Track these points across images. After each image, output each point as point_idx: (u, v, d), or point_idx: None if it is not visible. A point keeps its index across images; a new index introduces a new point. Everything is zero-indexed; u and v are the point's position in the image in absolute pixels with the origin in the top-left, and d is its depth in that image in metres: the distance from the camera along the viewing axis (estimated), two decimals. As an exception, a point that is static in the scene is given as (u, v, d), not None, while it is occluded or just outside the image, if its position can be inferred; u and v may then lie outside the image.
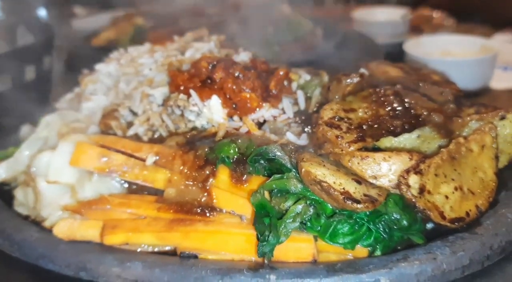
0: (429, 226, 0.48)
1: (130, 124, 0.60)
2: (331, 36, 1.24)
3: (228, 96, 0.57)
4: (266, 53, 1.11)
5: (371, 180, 0.45)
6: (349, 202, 0.42)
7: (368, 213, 0.44)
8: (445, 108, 0.54)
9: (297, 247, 0.44)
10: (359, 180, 0.45)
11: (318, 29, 1.29)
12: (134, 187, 0.54)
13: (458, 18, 1.72)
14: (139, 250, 0.49)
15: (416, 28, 1.70)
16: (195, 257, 0.46)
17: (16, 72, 1.00)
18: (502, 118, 0.53)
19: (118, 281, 0.45)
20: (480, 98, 1.19)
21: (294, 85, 0.61)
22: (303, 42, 1.16)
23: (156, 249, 0.49)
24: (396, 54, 1.24)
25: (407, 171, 0.44)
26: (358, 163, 0.46)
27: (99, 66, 0.69)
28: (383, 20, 1.61)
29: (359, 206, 0.42)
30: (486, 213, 0.47)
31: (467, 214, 0.46)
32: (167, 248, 0.49)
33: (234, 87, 0.57)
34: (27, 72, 1.04)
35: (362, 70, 0.60)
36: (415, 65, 0.71)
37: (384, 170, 0.45)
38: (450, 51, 1.28)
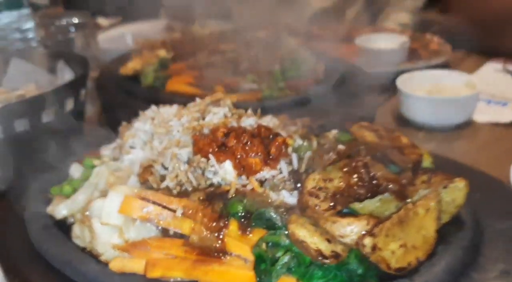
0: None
1: (162, 177, 0.78)
2: (331, 73, 1.40)
3: (238, 161, 0.75)
4: (272, 90, 1.28)
5: (339, 239, 0.63)
6: (320, 258, 0.60)
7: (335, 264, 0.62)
8: (402, 177, 0.71)
9: (284, 286, 0.62)
10: (330, 239, 0.62)
11: (320, 64, 1.45)
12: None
13: (454, 43, 1.85)
14: (172, 280, 0.67)
15: (414, 52, 1.84)
16: (212, 289, 0.65)
17: (58, 105, 1.18)
18: (445, 187, 0.70)
19: (158, 306, 0.64)
20: (463, 132, 1.35)
21: (289, 149, 0.79)
22: (304, 80, 1.32)
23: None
24: (390, 85, 1.40)
25: (364, 234, 0.62)
26: (330, 226, 0.63)
27: (137, 125, 0.87)
28: (382, 48, 1.75)
29: (326, 261, 0.60)
30: (424, 262, 0.65)
31: (409, 264, 0.63)
32: (192, 281, 0.67)
33: (243, 153, 0.75)
34: (67, 105, 1.22)
35: (340, 146, 0.77)
36: (389, 127, 0.87)
37: (348, 231, 0.62)
38: (439, 86, 1.43)
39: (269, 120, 0.89)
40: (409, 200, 0.68)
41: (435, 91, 1.38)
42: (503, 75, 1.65)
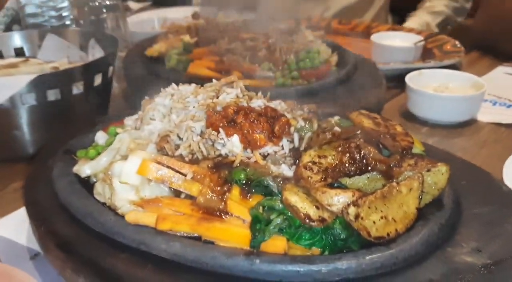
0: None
1: (177, 147, 0.87)
2: (344, 65, 1.47)
3: (244, 136, 0.84)
4: (286, 78, 1.36)
5: (326, 207, 0.71)
6: (308, 220, 0.68)
7: (322, 228, 0.70)
8: (391, 159, 0.79)
9: (274, 243, 0.71)
10: (318, 206, 0.71)
11: (334, 56, 1.52)
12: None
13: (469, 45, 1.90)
14: (178, 234, 0.76)
15: (429, 51, 1.89)
16: (213, 243, 0.74)
17: (88, 79, 1.28)
18: (428, 170, 0.78)
19: (164, 253, 0.73)
20: (466, 129, 1.41)
21: (292, 129, 0.87)
22: (318, 70, 1.39)
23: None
24: (403, 78, 1.46)
25: (348, 204, 0.70)
26: (320, 195, 0.72)
27: (157, 99, 0.96)
28: (396, 45, 1.81)
29: (313, 223, 0.68)
30: (402, 235, 0.72)
31: (388, 234, 0.71)
32: (195, 235, 0.76)
33: (250, 130, 0.84)
34: (96, 80, 1.32)
35: (336, 129, 0.85)
36: (386, 117, 0.94)
37: (335, 201, 0.71)
38: (447, 85, 1.49)
39: (278, 104, 0.97)
40: (394, 180, 0.76)
41: (442, 90, 1.44)
42: (512, 78, 1.70)
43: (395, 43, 1.81)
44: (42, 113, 1.22)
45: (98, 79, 1.32)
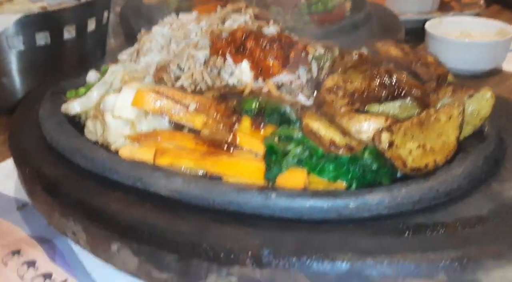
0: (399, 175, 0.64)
1: (177, 78, 0.76)
2: (358, 10, 1.36)
3: (255, 62, 0.73)
4: (297, 23, 1.25)
5: (354, 135, 0.61)
6: (333, 147, 0.58)
7: (348, 158, 0.60)
8: (426, 86, 0.68)
9: (293, 176, 0.60)
10: (345, 133, 0.60)
11: (348, 2, 1.40)
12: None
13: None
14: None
15: (446, 5, 1.77)
16: (220, 179, 0.64)
17: (80, 23, 1.17)
18: (470, 96, 0.67)
19: (163, 190, 0.63)
20: (490, 79, 1.30)
21: (310, 57, 0.76)
22: (330, 15, 1.28)
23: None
24: (419, 31, 1.35)
25: (381, 129, 0.59)
26: (346, 121, 0.61)
27: (155, 29, 0.85)
28: (413, -5, 1.68)
29: (339, 151, 0.58)
30: (442, 167, 0.62)
31: (426, 166, 0.61)
32: (200, 173, 0.66)
33: (261, 55, 0.72)
34: (89, 25, 1.21)
35: (363, 49, 0.74)
36: (416, 48, 0.84)
37: (365, 128, 0.60)
38: (469, 33, 1.37)
39: (292, 36, 0.86)
40: (433, 106, 0.65)
41: (465, 37, 1.33)
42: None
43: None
44: (31, 59, 1.11)
45: (92, 25, 1.21)
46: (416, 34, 1.38)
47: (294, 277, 0.53)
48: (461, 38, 1.32)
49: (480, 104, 0.67)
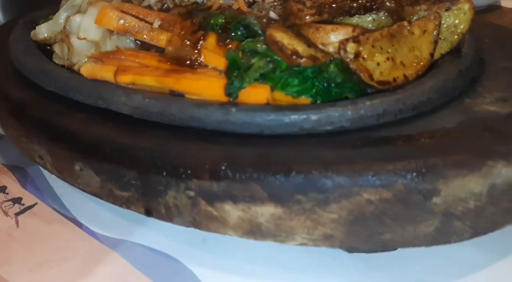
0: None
1: (145, -3, 0.73)
2: None
3: (224, -23, 0.69)
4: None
5: (321, 46, 0.58)
6: (294, 57, 0.55)
7: (313, 71, 0.57)
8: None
9: (255, 91, 0.58)
10: (310, 44, 0.57)
11: None
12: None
13: None
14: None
15: None
16: (183, 96, 0.62)
17: None
18: (447, 9, 0.63)
19: (125, 107, 0.61)
20: (489, 14, 1.24)
21: (282, -28, 0.72)
22: None
23: (156, 92, 0.64)
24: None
25: (347, 39, 0.56)
26: (313, 32, 0.58)
27: None
28: None
29: (302, 60, 0.55)
30: (412, 82, 0.59)
31: (394, 79, 0.58)
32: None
33: (230, -31, 0.68)
34: None
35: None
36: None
37: (332, 38, 0.57)
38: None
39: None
40: (407, 19, 0.62)
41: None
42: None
43: None
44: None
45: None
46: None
47: (250, 190, 0.51)
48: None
49: (458, 17, 0.63)
